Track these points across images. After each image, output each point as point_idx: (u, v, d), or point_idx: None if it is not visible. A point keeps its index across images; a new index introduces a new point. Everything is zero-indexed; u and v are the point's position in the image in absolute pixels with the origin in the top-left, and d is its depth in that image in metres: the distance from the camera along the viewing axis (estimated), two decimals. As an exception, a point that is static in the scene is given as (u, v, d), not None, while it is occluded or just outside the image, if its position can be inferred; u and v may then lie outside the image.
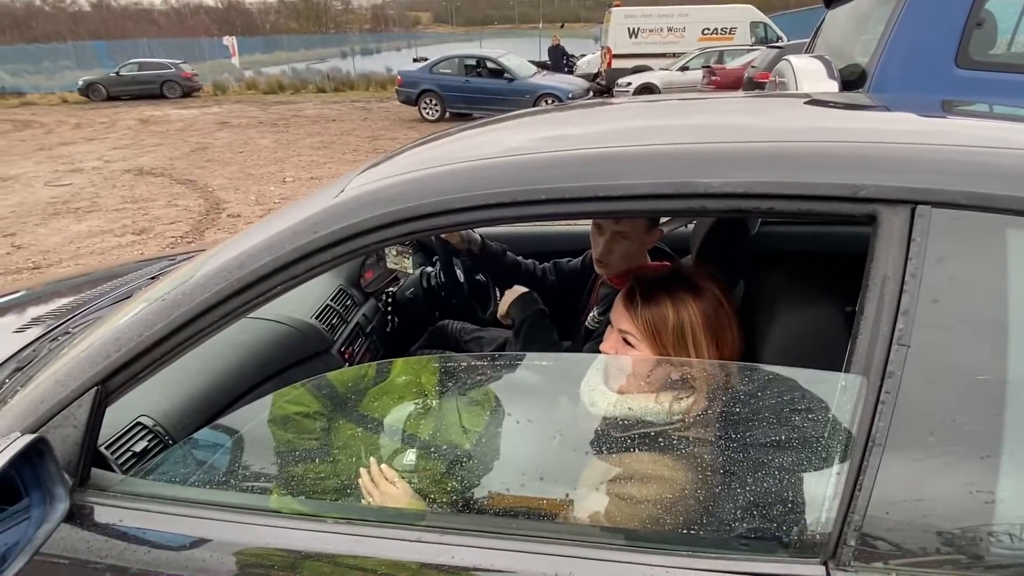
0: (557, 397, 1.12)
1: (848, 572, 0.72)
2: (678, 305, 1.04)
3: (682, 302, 1.04)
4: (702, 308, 1.04)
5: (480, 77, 13.67)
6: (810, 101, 1.23)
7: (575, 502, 0.99)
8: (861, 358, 0.73)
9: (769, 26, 17.36)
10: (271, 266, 0.91)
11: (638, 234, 1.56)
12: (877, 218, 0.76)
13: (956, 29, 3.20)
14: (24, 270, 5.13)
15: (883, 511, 0.71)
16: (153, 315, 0.93)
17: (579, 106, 1.44)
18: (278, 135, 12.43)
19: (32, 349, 1.35)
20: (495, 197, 0.83)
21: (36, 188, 8.36)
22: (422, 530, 0.86)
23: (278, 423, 1.17)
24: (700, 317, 1.03)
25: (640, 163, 0.84)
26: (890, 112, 1.14)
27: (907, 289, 0.73)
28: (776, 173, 0.79)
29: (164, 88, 21.37)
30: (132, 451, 1.10)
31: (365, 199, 0.91)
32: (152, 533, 0.92)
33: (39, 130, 14.80)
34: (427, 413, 1.22)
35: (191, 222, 6.40)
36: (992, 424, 0.70)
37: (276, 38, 43.92)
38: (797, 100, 1.36)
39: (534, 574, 0.79)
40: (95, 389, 0.94)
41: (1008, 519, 0.70)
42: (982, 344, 0.72)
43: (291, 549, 0.87)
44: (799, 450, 0.79)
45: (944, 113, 1.18)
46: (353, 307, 1.87)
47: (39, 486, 0.89)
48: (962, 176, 0.75)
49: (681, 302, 1.04)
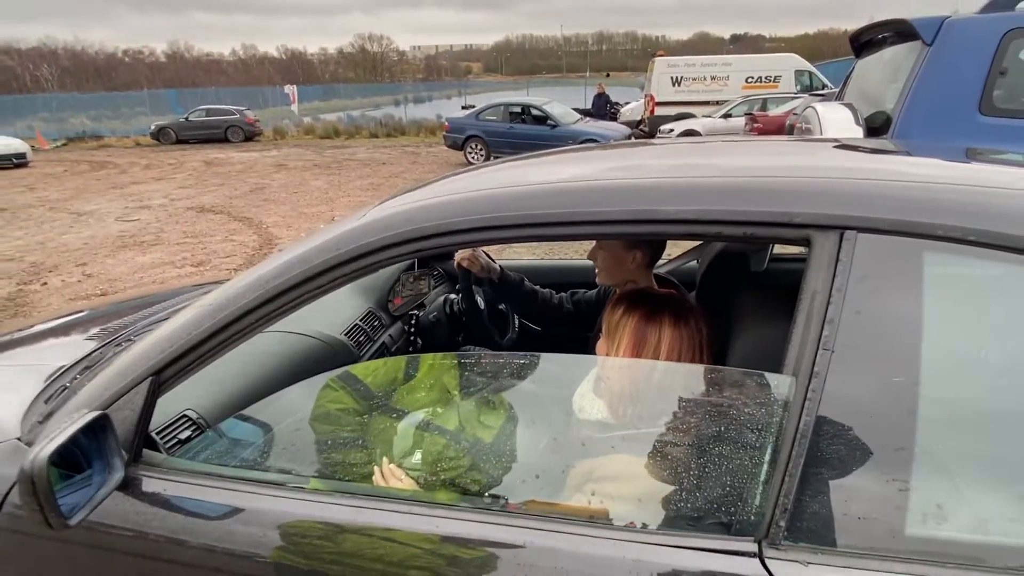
0: (552, 401, 1.25)
1: (778, 549, 0.81)
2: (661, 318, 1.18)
3: (662, 316, 1.18)
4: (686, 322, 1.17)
5: (524, 124, 14.10)
6: (768, 144, 1.36)
7: (559, 492, 1.10)
8: (792, 361, 0.84)
9: (814, 74, 17.40)
10: (301, 277, 1.07)
11: (612, 247, 1.73)
12: (811, 241, 0.88)
13: (979, 77, 3.26)
14: (92, 296, 5.54)
15: (808, 495, 0.81)
16: (201, 317, 1.11)
17: (575, 149, 1.60)
18: (331, 177, 13.05)
19: (99, 352, 1.56)
20: (486, 221, 0.99)
21: (107, 223, 9.00)
22: (413, 504, 0.99)
23: (316, 417, 1.33)
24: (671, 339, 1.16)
25: (610, 194, 0.98)
26: (833, 151, 1.25)
27: (833, 302, 0.84)
28: (724, 203, 0.92)
29: (228, 132, 22.70)
30: (178, 438, 1.27)
31: (381, 222, 1.08)
32: (192, 503, 1.07)
33: (113, 170, 15.90)
34: (433, 419, 1.36)
35: (245, 256, 6.79)
36: (905, 420, 0.80)
37: (334, 86, 46.11)
38: (757, 143, 1.49)
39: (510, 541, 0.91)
40: (150, 379, 1.11)
41: (918, 504, 0.78)
42: (897, 350, 0.81)
43: (308, 517, 1.01)
44: (739, 443, 0.89)
45: (883, 151, 1.30)
46: (380, 328, 2.04)
47: (100, 457, 1.06)
48: (884, 205, 0.87)
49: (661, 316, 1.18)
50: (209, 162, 16.68)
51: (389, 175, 13.09)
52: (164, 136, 23.11)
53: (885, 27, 3.96)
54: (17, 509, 1.13)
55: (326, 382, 1.41)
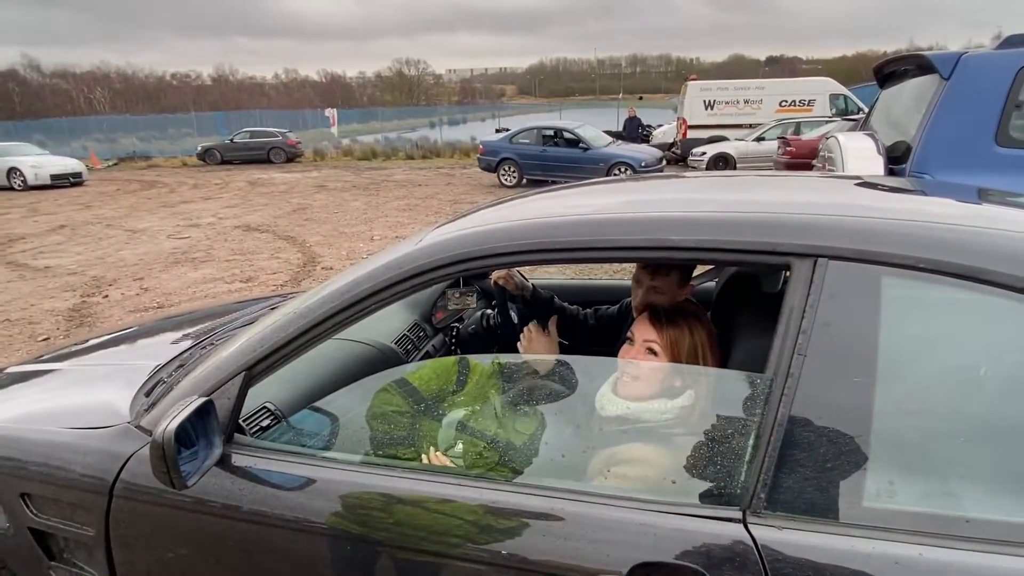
0: (577, 398, 1.45)
1: (759, 516, 1.00)
2: (692, 325, 1.39)
3: (693, 325, 1.39)
4: (707, 331, 1.38)
5: (556, 147, 14.39)
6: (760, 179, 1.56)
7: (584, 475, 1.30)
8: (772, 364, 1.03)
9: (849, 98, 17.37)
10: (369, 291, 1.30)
11: (670, 289, 1.82)
12: (790, 266, 1.07)
13: (996, 110, 3.38)
14: (150, 308, 5.93)
15: (784, 473, 0.99)
16: (287, 323, 1.35)
17: (598, 182, 1.81)
18: (369, 198, 13.50)
19: (189, 352, 1.82)
20: (521, 247, 1.21)
21: (160, 240, 9.52)
22: (458, 477, 1.20)
23: (374, 416, 1.55)
24: (706, 337, 1.38)
25: (625, 226, 1.19)
26: (816, 186, 1.45)
27: (806, 316, 1.03)
28: (719, 234, 1.12)
29: (270, 154, 23.55)
30: (260, 425, 1.51)
31: (436, 247, 1.30)
32: (275, 475, 1.30)
33: (163, 189, 16.68)
34: (474, 424, 1.57)
35: (290, 272, 7.15)
36: (863, 413, 0.98)
37: (372, 110, 47.27)
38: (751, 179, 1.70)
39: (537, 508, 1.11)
40: (243, 373, 1.34)
41: (873, 481, 0.96)
42: (859, 354, 1.00)
43: (367, 487, 1.23)
44: (729, 431, 1.08)
45: (853, 188, 1.50)
46: (424, 338, 2.27)
47: (205, 435, 1.30)
48: (850, 237, 1.06)
49: (693, 325, 1.39)
50: (253, 182, 17.36)
51: (424, 196, 13.49)
52: (210, 157, 24.09)
53: (906, 60, 4.11)
54: (130, 482, 1.37)
55: (383, 386, 1.63)
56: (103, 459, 1.41)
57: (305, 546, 1.26)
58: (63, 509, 1.46)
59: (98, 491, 1.40)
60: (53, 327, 5.52)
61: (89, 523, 1.43)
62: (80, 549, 1.49)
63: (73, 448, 1.46)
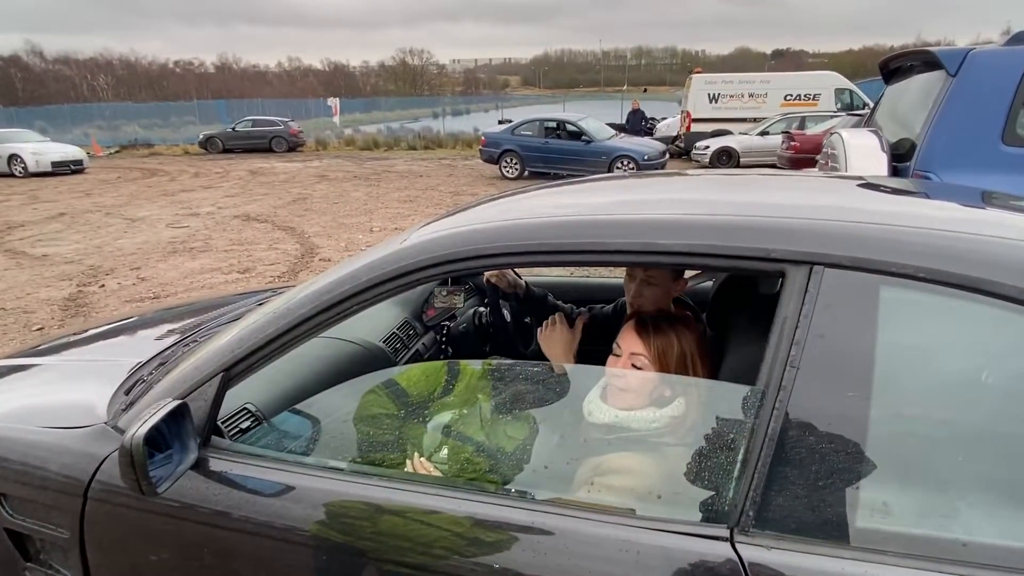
0: (565, 405, 1.41)
1: (747, 535, 0.96)
2: (679, 333, 1.34)
3: (681, 333, 1.34)
4: (695, 338, 1.33)
5: (559, 139, 14.31)
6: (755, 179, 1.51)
7: (569, 484, 1.26)
8: (764, 376, 0.99)
9: (855, 92, 17.23)
10: (351, 291, 1.26)
11: (664, 282, 1.80)
12: (785, 273, 1.02)
13: (1002, 108, 3.32)
14: (146, 299, 5.89)
15: (774, 491, 0.95)
16: (267, 323, 1.30)
17: (592, 179, 1.76)
18: (370, 188, 13.44)
19: (171, 351, 1.78)
20: (506, 248, 1.16)
21: (159, 229, 9.48)
22: (442, 488, 1.16)
23: (362, 418, 1.51)
24: (695, 344, 1.33)
25: (615, 228, 1.14)
26: (812, 188, 1.39)
27: (800, 326, 0.98)
28: (712, 239, 1.07)
29: (272, 143, 23.47)
30: (239, 428, 1.47)
31: (421, 246, 1.26)
32: (252, 481, 1.26)
33: (164, 178, 16.62)
34: (463, 429, 1.53)
35: (288, 264, 7.11)
36: (857, 429, 0.94)
37: (375, 99, 47.09)
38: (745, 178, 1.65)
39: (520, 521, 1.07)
40: (221, 374, 1.30)
41: (867, 500, 0.92)
42: (854, 368, 0.95)
43: (349, 496, 1.19)
44: (718, 445, 1.04)
45: (852, 191, 1.44)
46: (414, 336, 2.23)
47: (179, 439, 1.26)
48: (848, 244, 1.01)
49: (680, 333, 1.34)
50: (254, 172, 17.30)
51: (425, 187, 13.42)
52: (211, 145, 24.02)
53: (912, 56, 4.04)
54: (105, 484, 1.34)
55: (372, 388, 1.59)
56: (78, 460, 1.38)
57: (282, 554, 1.22)
58: (39, 510, 1.43)
59: (73, 492, 1.36)
60: (48, 316, 5.49)
61: (64, 525, 1.39)
62: (55, 551, 1.46)
63: (49, 448, 1.42)
